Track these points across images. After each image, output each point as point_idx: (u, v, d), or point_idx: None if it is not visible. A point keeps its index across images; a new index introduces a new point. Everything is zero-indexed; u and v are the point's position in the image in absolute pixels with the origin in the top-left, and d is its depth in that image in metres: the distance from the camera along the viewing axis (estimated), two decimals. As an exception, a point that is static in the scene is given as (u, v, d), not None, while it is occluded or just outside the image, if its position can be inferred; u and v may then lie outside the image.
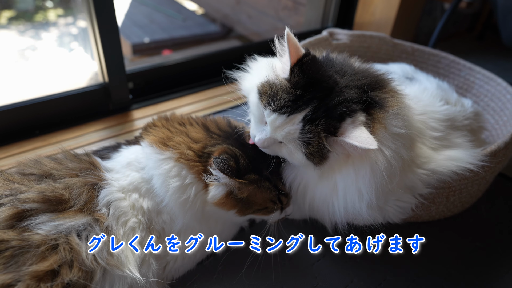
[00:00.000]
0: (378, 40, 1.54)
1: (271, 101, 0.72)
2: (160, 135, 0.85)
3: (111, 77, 1.37)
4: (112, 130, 1.35)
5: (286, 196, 0.87)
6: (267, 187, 0.82)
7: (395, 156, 0.73)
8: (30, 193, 0.70)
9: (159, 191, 0.80)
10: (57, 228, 0.68)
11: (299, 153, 0.74)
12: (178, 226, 0.82)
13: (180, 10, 3.67)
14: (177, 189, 0.79)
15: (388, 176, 0.72)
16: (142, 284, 0.74)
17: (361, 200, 0.75)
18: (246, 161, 0.81)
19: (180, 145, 0.82)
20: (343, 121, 0.71)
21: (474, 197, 1.07)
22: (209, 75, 1.70)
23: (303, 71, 0.72)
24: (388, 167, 0.72)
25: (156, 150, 0.82)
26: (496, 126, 1.28)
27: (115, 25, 1.28)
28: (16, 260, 0.63)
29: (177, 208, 0.80)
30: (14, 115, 1.26)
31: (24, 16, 2.79)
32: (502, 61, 2.16)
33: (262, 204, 0.83)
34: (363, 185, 0.74)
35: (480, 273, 0.97)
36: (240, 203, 0.81)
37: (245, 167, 0.80)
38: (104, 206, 0.76)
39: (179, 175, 0.80)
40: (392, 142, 0.73)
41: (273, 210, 0.85)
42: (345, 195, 0.77)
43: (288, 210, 0.90)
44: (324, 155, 0.72)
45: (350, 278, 0.93)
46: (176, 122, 0.90)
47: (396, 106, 0.75)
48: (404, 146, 0.76)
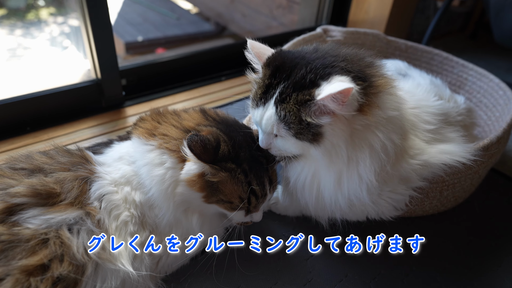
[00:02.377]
0: (372, 37, 1.55)
1: (253, 101, 0.79)
2: (148, 127, 0.85)
3: (104, 74, 1.36)
4: (105, 127, 1.34)
5: (257, 199, 0.82)
6: (240, 181, 0.78)
7: (388, 139, 0.75)
8: (20, 187, 0.69)
9: (146, 181, 0.80)
10: (48, 222, 0.67)
11: (290, 138, 0.74)
12: (166, 218, 0.81)
13: (174, 9, 3.65)
14: (160, 177, 0.78)
15: (385, 156, 0.74)
16: (135, 279, 0.73)
17: (361, 184, 0.76)
18: (228, 149, 0.78)
19: (167, 131, 0.82)
20: (317, 87, 0.69)
21: (467, 191, 1.08)
22: (202, 72, 1.69)
23: (269, 64, 0.77)
24: (383, 148, 0.74)
25: (143, 141, 0.82)
26: (489, 122, 1.29)
27: (107, 20, 1.27)
28: (6, 254, 0.62)
29: (161, 197, 0.79)
30: (5, 111, 1.24)
31: (15, 14, 2.76)
32: (494, 59, 2.18)
33: (228, 196, 0.79)
34: (364, 169, 0.75)
35: (474, 266, 0.97)
36: (209, 187, 0.78)
37: (224, 154, 0.77)
38: (96, 199, 0.75)
39: (161, 162, 0.79)
40: (385, 126, 0.74)
41: (236, 208, 0.80)
42: (348, 181, 0.77)
43: (255, 216, 0.86)
44: (314, 130, 0.71)
45: (345, 272, 0.93)
46: (168, 113, 0.89)
47: (388, 86, 0.76)
48: (395, 131, 0.77)
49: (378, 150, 0.74)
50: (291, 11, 2.60)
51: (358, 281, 0.91)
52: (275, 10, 2.76)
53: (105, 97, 1.41)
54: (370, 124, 0.73)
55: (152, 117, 0.88)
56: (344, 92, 0.64)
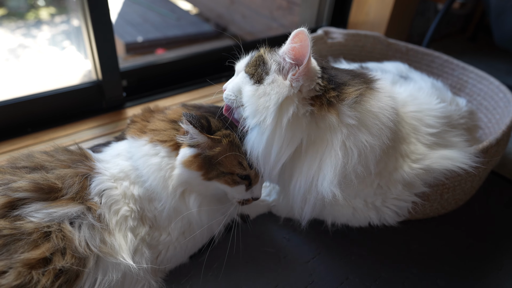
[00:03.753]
0: (372, 40, 1.55)
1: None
2: (138, 127, 0.89)
3: (105, 75, 1.36)
4: (106, 128, 1.34)
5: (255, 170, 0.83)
6: (237, 145, 0.81)
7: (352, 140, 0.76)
8: (23, 182, 0.70)
9: (143, 172, 0.82)
10: (50, 216, 0.68)
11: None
12: (166, 209, 0.82)
13: (174, 10, 3.66)
14: (156, 165, 0.81)
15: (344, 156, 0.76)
16: (136, 272, 0.74)
17: (322, 179, 0.77)
18: (217, 120, 0.83)
19: (155, 126, 0.86)
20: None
21: (467, 194, 1.08)
22: (203, 73, 1.69)
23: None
24: (344, 148, 0.75)
25: (136, 139, 0.86)
26: (489, 124, 1.29)
27: (109, 22, 1.27)
28: (8, 248, 0.63)
29: (159, 185, 0.81)
30: (6, 112, 1.24)
31: (15, 14, 2.76)
32: (494, 62, 2.18)
33: (228, 167, 0.81)
34: (326, 167, 0.76)
35: (474, 269, 0.97)
36: (207, 164, 0.80)
37: (216, 125, 0.82)
38: (96, 195, 0.77)
39: (155, 152, 0.82)
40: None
41: (239, 181, 0.82)
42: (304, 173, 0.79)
43: (255, 190, 0.87)
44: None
45: (346, 275, 0.93)
46: (155, 112, 0.93)
47: (353, 96, 0.77)
48: (362, 132, 0.77)
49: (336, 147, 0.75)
50: (291, 12, 2.60)
51: (359, 283, 0.91)
52: (275, 11, 2.76)
53: (105, 98, 1.40)
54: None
55: (142, 118, 0.92)
56: (298, 34, 0.71)
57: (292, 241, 1.00)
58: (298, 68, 0.73)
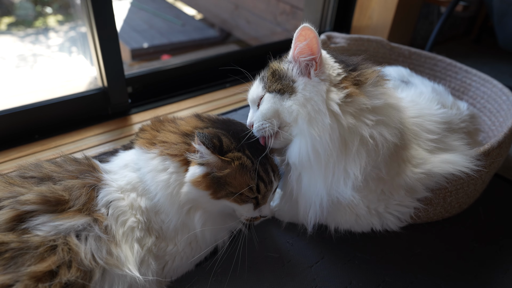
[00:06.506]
0: (375, 44, 1.55)
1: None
2: (148, 136, 0.88)
3: (110, 82, 1.38)
4: (111, 134, 1.36)
5: (265, 185, 0.83)
6: (248, 168, 0.80)
7: (378, 132, 0.77)
8: (30, 195, 0.71)
9: (151, 187, 0.82)
10: (57, 228, 0.69)
11: (267, 95, 0.83)
12: (173, 223, 0.83)
13: (179, 15, 3.69)
14: (164, 182, 0.80)
15: (375, 152, 0.76)
16: (142, 284, 0.75)
17: (346, 180, 0.77)
18: (229, 140, 0.82)
19: (166, 137, 0.85)
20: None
21: (471, 197, 1.08)
22: (208, 79, 1.71)
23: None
24: (373, 140, 0.76)
25: (145, 150, 0.85)
26: (493, 127, 1.29)
27: (114, 29, 1.29)
28: (15, 261, 0.64)
29: (167, 202, 0.81)
30: (14, 119, 1.27)
31: (23, 22, 2.80)
32: (499, 64, 2.18)
33: (237, 187, 0.80)
34: (349, 164, 0.77)
35: (479, 273, 0.97)
36: (216, 183, 0.80)
37: (228, 145, 0.81)
38: (103, 206, 0.77)
39: (164, 168, 0.81)
40: (372, 117, 0.78)
41: (247, 200, 0.83)
42: (333, 175, 0.79)
43: (264, 209, 0.87)
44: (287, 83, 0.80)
45: (349, 279, 0.93)
46: (166, 121, 0.92)
47: (374, 75, 0.80)
48: (385, 126, 0.79)
49: (367, 140, 0.76)
50: (295, 17, 2.62)
51: (362, 288, 0.92)
52: (279, 16, 2.77)
53: (111, 104, 1.43)
54: (354, 110, 0.77)
55: (152, 126, 0.91)
56: (303, 31, 0.74)
57: (296, 246, 1.00)
58: (316, 62, 0.76)
